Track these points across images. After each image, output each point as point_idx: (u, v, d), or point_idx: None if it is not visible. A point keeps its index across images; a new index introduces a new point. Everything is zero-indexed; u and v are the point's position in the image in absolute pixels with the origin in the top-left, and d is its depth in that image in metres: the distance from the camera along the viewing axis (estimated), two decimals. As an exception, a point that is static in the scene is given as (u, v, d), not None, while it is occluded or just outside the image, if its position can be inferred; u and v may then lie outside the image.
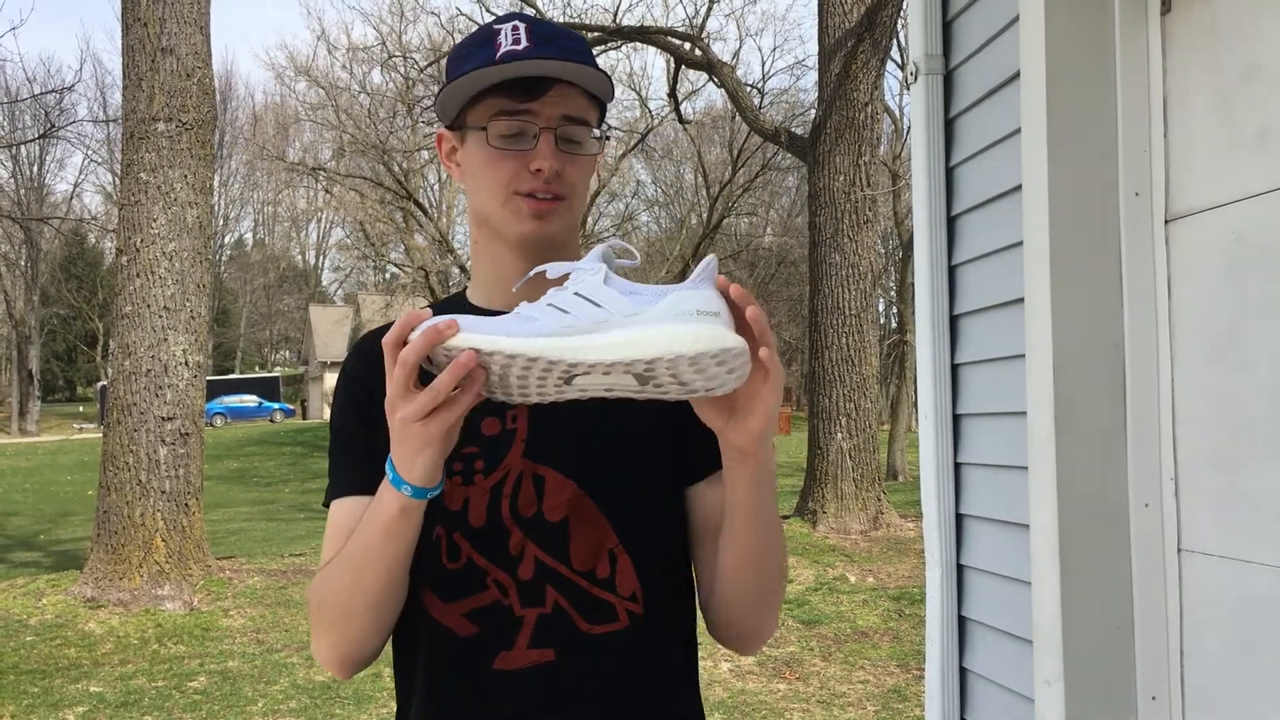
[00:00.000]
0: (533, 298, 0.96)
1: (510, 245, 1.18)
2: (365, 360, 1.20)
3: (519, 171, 1.14)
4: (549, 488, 1.14)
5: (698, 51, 13.63)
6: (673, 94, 15.88)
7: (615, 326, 0.88)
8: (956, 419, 2.59)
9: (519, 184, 1.14)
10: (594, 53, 1.26)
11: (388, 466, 1.00)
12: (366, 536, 1.05)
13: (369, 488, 1.07)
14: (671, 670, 1.19)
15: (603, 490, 1.15)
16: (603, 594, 1.14)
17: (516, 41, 1.12)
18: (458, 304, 1.24)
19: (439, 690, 1.15)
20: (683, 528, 1.22)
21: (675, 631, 1.20)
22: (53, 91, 21.20)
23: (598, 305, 0.90)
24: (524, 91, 1.12)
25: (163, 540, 7.51)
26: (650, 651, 1.16)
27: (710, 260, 0.93)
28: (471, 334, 0.89)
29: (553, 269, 0.96)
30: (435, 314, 0.92)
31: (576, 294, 0.91)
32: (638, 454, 1.17)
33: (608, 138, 1.23)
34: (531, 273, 1.01)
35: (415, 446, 0.96)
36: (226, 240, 50.69)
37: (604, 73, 1.15)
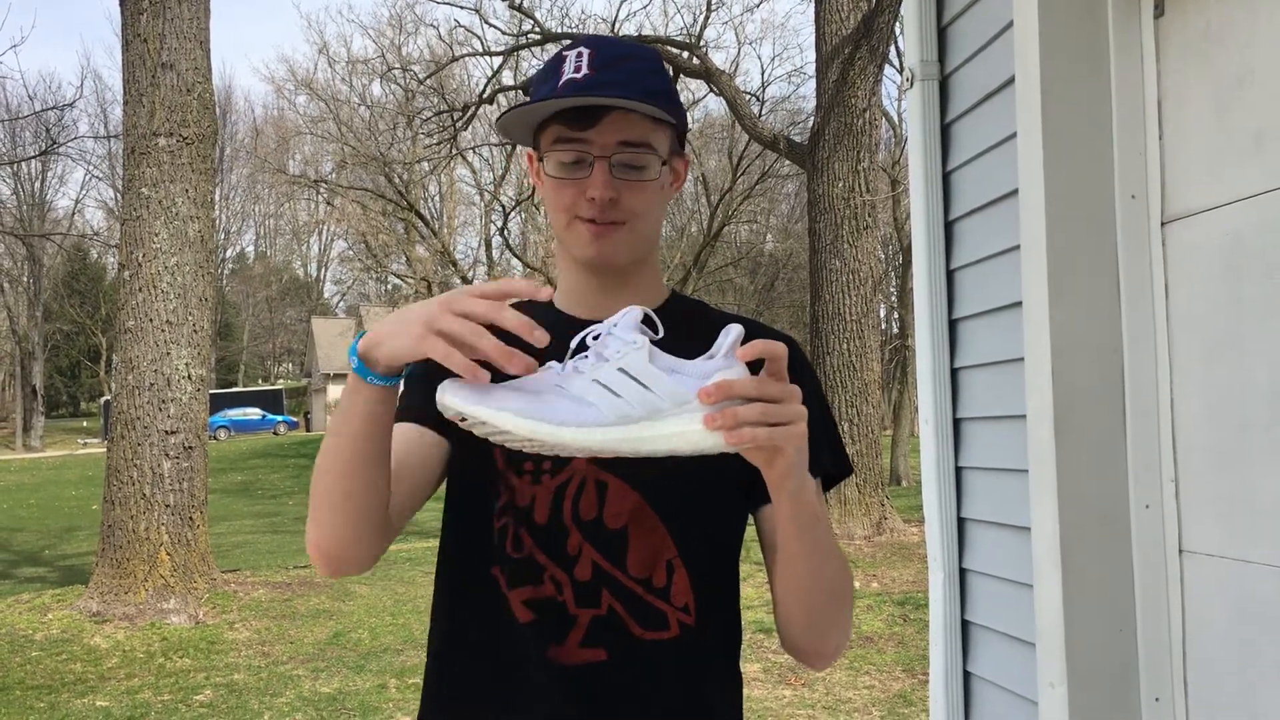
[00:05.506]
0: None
1: (579, 263, 1.24)
2: None
3: (577, 198, 1.18)
4: (611, 494, 1.17)
5: (696, 60, 13.66)
6: (672, 102, 15.89)
7: (668, 415, 0.92)
8: (957, 423, 2.59)
9: (578, 210, 1.18)
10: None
11: (358, 334, 1.03)
12: (334, 421, 1.09)
13: (416, 419, 1.19)
14: (716, 682, 1.22)
15: (666, 503, 1.18)
16: (657, 602, 1.17)
17: (578, 69, 1.16)
18: (543, 308, 1.28)
19: (491, 670, 1.18)
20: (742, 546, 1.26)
21: (723, 645, 1.24)
22: (54, 108, 21.35)
23: (646, 388, 0.92)
24: (579, 120, 1.15)
25: (167, 554, 7.52)
26: (697, 662, 1.19)
27: (736, 333, 0.95)
28: (534, 423, 0.92)
29: (594, 331, 0.99)
30: (522, 314, 0.94)
31: (622, 370, 0.93)
32: (705, 471, 1.18)
33: (679, 157, 1.25)
34: (575, 339, 1.02)
35: (406, 330, 0.97)
36: (228, 254, 50.81)
37: (664, 94, 1.18)
